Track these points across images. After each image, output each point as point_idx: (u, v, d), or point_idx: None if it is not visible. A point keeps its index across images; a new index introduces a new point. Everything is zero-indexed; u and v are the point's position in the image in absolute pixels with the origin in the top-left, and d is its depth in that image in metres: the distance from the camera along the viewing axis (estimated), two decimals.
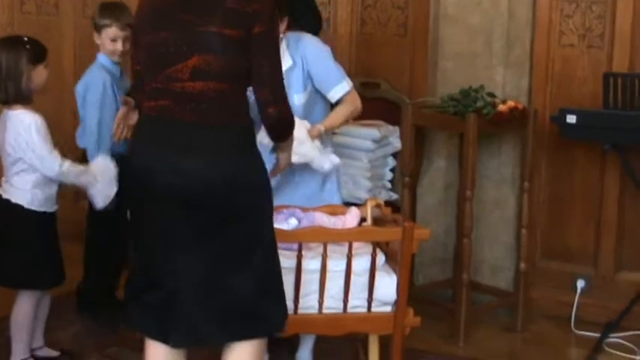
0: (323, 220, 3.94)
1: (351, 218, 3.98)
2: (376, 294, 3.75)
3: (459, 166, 4.96)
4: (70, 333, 4.69)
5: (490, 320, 4.99)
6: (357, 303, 3.76)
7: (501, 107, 4.73)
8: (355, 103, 4.23)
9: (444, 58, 5.13)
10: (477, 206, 4.87)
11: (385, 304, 3.79)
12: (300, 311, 3.69)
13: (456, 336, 4.73)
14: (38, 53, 4.10)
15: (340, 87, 4.19)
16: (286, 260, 3.55)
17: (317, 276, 3.69)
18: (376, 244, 3.78)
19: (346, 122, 4.33)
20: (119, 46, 4.64)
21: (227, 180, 3.11)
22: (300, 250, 3.64)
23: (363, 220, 4.05)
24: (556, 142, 4.97)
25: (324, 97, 4.25)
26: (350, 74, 4.59)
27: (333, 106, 4.28)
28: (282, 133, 3.38)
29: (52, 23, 6.01)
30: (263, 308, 3.23)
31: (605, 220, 5.01)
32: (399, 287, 3.73)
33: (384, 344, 3.90)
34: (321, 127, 4.07)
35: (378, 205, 4.07)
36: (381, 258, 3.78)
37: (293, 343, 4.27)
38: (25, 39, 4.15)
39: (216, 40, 3.08)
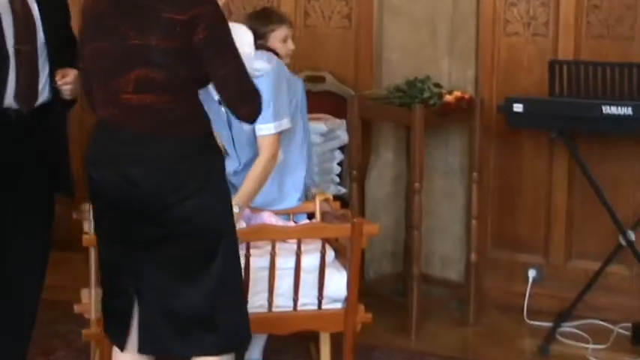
0: (271, 220, 3.91)
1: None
2: (326, 291, 3.73)
3: (407, 158, 4.95)
4: None
5: (442, 313, 4.99)
6: (307, 300, 3.74)
7: (448, 97, 4.73)
8: (271, 151, 3.97)
9: (389, 49, 5.11)
10: (426, 198, 4.84)
11: (336, 300, 3.77)
12: (249, 310, 3.56)
13: (407, 330, 4.72)
14: None
15: (266, 127, 3.96)
16: None
17: (266, 274, 3.66)
18: (325, 240, 3.74)
19: (263, 184, 3.99)
20: (291, 45, 4.27)
21: (174, 187, 3.07)
22: (248, 249, 3.59)
23: (311, 215, 4.03)
24: (503, 131, 4.97)
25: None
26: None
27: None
28: (255, 120, 3.27)
29: None
30: (226, 322, 3.19)
31: (555, 208, 5.01)
32: (350, 284, 3.71)
33: (336, 341, 3.89)
34: (235, 210, 3.52)
35: (326, 200, 4.05)
36: (330, 254, 3.77)
37: None
38: None
39: (155, 53, 3.02)
